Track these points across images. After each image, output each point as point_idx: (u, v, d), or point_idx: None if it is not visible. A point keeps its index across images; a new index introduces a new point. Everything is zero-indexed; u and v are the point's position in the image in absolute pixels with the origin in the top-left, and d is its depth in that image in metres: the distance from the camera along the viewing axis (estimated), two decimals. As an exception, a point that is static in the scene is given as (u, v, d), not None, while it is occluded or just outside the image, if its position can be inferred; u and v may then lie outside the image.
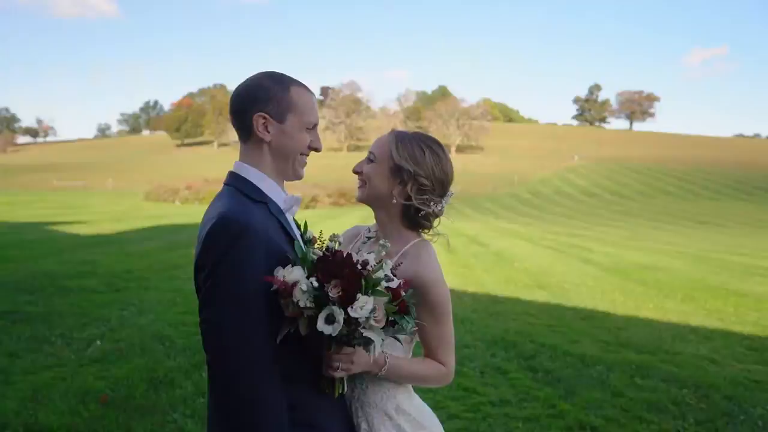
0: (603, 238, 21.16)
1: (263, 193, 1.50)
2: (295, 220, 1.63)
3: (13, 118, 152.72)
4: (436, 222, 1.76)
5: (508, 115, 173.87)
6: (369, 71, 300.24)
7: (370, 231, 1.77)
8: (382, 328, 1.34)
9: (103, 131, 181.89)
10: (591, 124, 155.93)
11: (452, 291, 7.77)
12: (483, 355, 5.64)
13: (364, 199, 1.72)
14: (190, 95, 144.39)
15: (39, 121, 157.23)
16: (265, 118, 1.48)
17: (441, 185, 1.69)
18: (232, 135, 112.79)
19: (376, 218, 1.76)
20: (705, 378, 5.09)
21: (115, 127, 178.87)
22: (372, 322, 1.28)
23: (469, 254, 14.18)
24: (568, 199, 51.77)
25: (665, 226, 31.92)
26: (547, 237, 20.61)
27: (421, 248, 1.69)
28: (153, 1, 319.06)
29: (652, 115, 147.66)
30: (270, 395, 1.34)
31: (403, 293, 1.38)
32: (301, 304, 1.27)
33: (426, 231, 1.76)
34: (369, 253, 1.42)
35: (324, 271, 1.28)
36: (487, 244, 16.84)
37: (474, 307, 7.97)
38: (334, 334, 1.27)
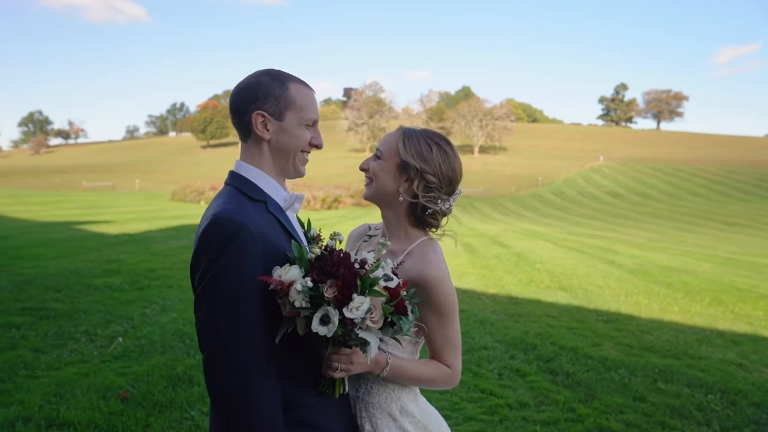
0: (628, 240, 20.79)
1: (262, 191, 1.49)
2: (298, 218, 1.62)
3: (46, 121, 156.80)
4: (444, 221, 1.73)
5: (533, 115, 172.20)
6: (392, 72, 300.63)
7: (371, 229, 1.75)
8: (381, 329, 1.32)
9: (131, 133, 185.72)
10: (617, 124, 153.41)
11: (472, 292, 7.71)
12: (502, 356, 5.57)
13: (371, 197, 1.70)
14: (216, 97, 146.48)
15: (70, 123, 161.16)
16: (263, 116, 1.47)
17: (449, 183, 1.67)
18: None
19: (382, 216, 1.74)
20: (732, 384, 4.95)
21: (143, 129, 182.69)
22: (369, 322, 1.26)
23: (491, 255, 14.06)
24: (593, 200, 50.96)
25: (693, 228, 31.19)
26: (570, 238, 20.32)
27: (427, 247, 1.66)
28: (180, 5, 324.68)
29: (680, 114, 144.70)
30: (264, 395, 1.33)
31: (404, 293, 1.35)
32: (297, 304, 1.25)
33: (433, 230, 1.73)
34: (369, 251, 1.40)
35: (319, 270, 1.26)
36: (509, 245, 16.67)
37: (494, 308, 7.89)
38: (329, 335, 1.25)
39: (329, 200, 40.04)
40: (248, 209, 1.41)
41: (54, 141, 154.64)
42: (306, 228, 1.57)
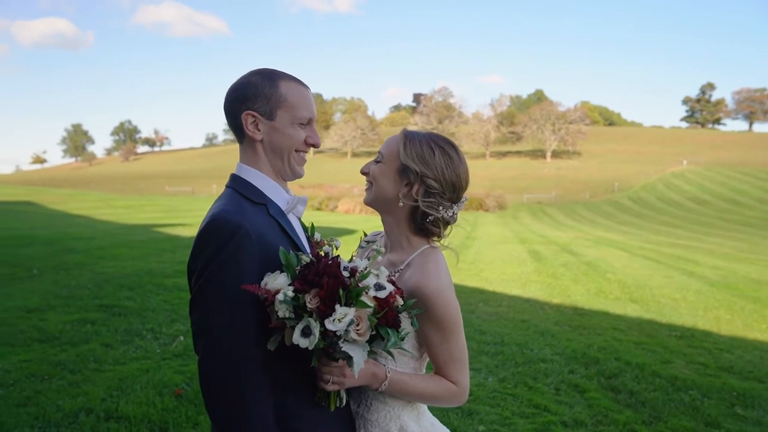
0: (712, 250, 19.37)
1: (263, 194, 1.46)
2: (301, 222, 1.58)
3: (135, 130, 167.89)
4: (447, 230, 1.63)
5: (609, 118, 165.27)
6: (463, 77, 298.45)
7: (366, 235, 1.67)
8: (371, 341, 1.24)
9: (210, 140, 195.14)
10: (703, 126, 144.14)
11: (535, 301, 7.46)
12: (560, 370, 5.30)
13: (371, 202, 1.62)
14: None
15: (156, 132, 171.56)
16: (253, 116, 1.44)
17: (452, 189, 1.56)
18: (329, 142, 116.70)
19: (383, 223, 1.65)
20: (823, 412, 4.44)
21: (221, 137, 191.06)
22: (353, 335, 1.18)
23: (558, 263, 13.52)
24: (674, 207, 48.02)
25: (789, 237, 28.63)
26: (646, 247, 19.20)
27: (427, 257, 1.56)
28: (258, 17, 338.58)
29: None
30: (254, 402, 1.29)
31: (399, 304, 1.27)
32: (281, 314, 1.20)
33: (437, 239, 1.63)
34: (365, 259, 1.33)
35: (303, 279, 1.20)
36: (579, 254, 15.97)
37: (556, 319, 7.55)
38: (310, 348, 1.19)
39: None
40: (247, 211, 1.38)
41: (141, 149, 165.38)
42: (310, 232, 1.52)
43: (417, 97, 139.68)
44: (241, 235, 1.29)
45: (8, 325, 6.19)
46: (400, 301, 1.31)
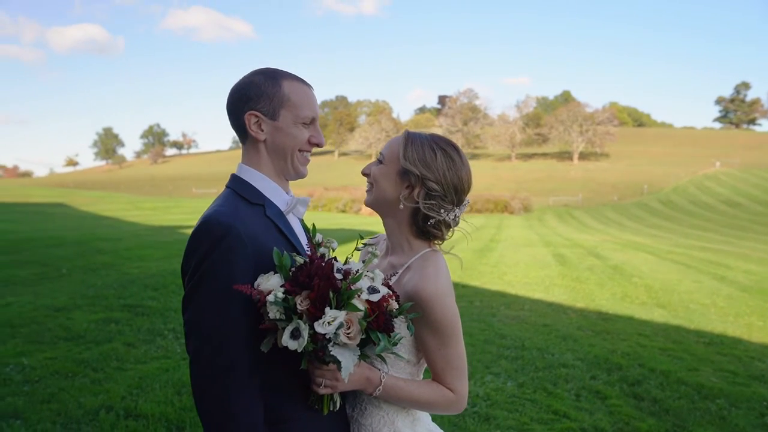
0: (746, 254, 18.80)
1: (261, 194, 1.45)
2: (303, 223, 1.57)
3: (163, 133, 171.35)
4: (449, 233, 1.60)
5: (638, 119, 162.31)
6: (489, 79, 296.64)
7: (364, 239, 1.64)
8: (363, 345, 1.21)
9: (236, 143, 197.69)
10: (737, 126, 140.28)
11: (557, 305, 7.34)
12: (582, 376, 5.19)
13: (371, 203, 1.60)
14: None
15: (184, 135, 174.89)
16: (256, 116, 1.43)
17: (453, 191, 1.53)
18: (353, 144, 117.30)
19: (384, 226, 1.63)
20: None
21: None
22: (343, 338, 1.16)
23: (584, 267, 13.28)
24: (706, 210, 46.81)
25: (828, 241, 27.62)
26: (676, 251, 18.73)
27: (427, 260, 1.53)
28: (284, 20, 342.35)
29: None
30: (242, 404, 1.28)
31: (393, 307, 1.24)
32: (271, 315, 1.18)
33: (438, 242, 1.60)
34: (362, 261, 1.30)
35: (294, 280, 1.19)
36: (606, 257, 15.66)
37: (580, 323, 7.41)
38: (299, 350, 1.17)
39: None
40: (242, 213, 1.37)
41: (169, 151, 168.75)
42: (312, 233, 1.51)
43: (442, 99, 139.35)
44: (233, 237, 1.28)
45: (37, 324, 6.35)
46: (394, 305, 1.28)
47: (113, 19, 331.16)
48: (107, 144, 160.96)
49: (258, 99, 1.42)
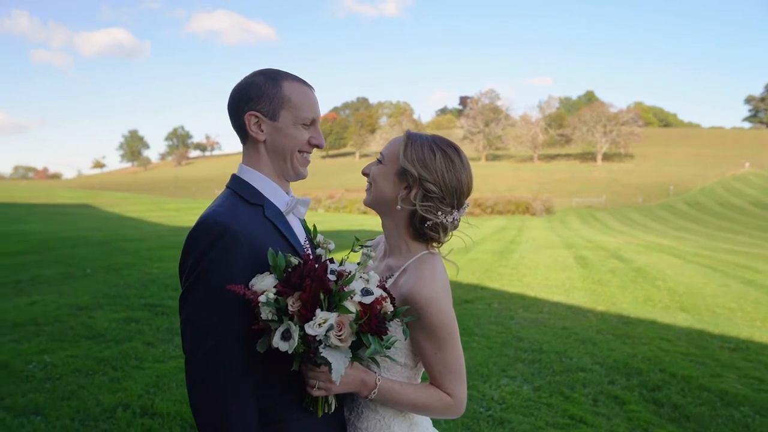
0: (775, 257, 18.29)
1: (261, 195, 1.44)
2: (305, 224, 1.56)
3: (187, 135, 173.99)
4: (448, 236, 1.57)
5: (664, 120, 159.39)
6: (512, 79, 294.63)
7: (359, 240, 1.63)
8: (357, 348, 1.20)
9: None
10: None
11: (577, 308, 7.23)
12: (600, 380, 5.10)
13: (370, 203, 1.59)
14: (335, 109, 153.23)
15: (207, 137, 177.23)
16: (257, 116, 1.42)
17: (452, 194, 1.50)
18: (375, 146, 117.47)
19: (383, 226, 1.61)
20: None
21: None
22: (334, 340, 1.15)
23: (605, 270, 13.07)
24: (735, 212, 45.67)
25: None
26: (702, 253, 18.32)
27: (424, 263, 1.50)
28: (306, 23, 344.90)
29: None
30: (235, 404, 1.27)
31: (387, 310, 1.22)
32: (263, 316, 1.18)
33: (436, 245, 1.58)
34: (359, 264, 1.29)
35: (286, 281, 1.18)
36: (629, 260, 15.40)
37: (599, 327, 7.29)
38: (290, 352, 1.16)
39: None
40: (240, 213, 1.37)
41: (193, 153, 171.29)
42: (312, 234, 1.50)
43: (463, 100, 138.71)
44: (229, 237, 1.28)
45: (60, 322, 6.48)
46: (389, 307, 1.27)
47: (139, 23, 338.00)
48: (133, 146, 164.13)
49: (258, 99, 1.42)
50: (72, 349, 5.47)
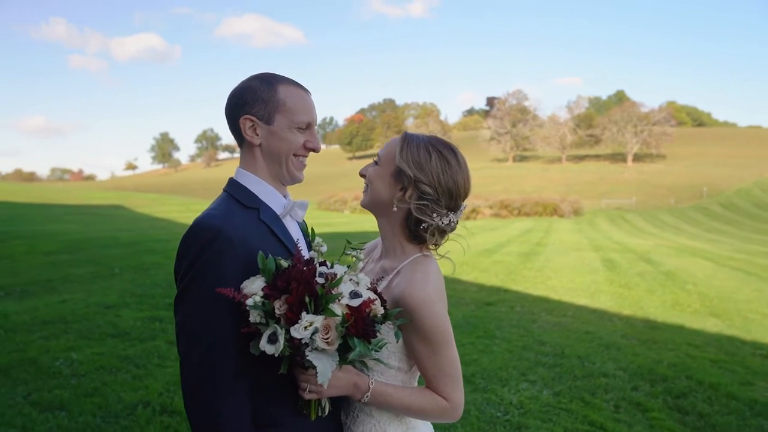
0: (814, 261, 17.61)
1: (256, 198, 1.45)
2: (304, 227, 1.56)
3: (216, 137, 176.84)
4: (444, 239, 1.55)
5: (698, 119, 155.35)
6: (540, 79, 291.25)
7: (351, 243, 1.62)
8: (346, 351, 1.19)
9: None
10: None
11: (602, 312, 7.10)
12: (622, 386, 4.98)
13: (366, 204, 1.58)
14: (362, 111, 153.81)
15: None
16: (252, 120, 1.43)
17: (448, 196, 1.48)
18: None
19: (379, 227, 1.60)
20: None
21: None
22: (321, 343, 1.14)
23: (633, 273, 12.78)
24: (773, 214, 44.20)
25: None
26: (737, 257, 17.77)
27: (417, 265, 1.49)
28: (333, 25, 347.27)
29: None
30: (228, 406, 1.28)
31: (377, 313, 1.21)
32: (252, 319, 1.18)
33: (432, 247, 1.55)
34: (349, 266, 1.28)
35: (273, 284, 1.18)
36: (658, 263, 15.03)
37: (625, 331, 7.13)
38: (276, 355, 1.16)
39: (467, 210, 39.49)
40: (235, 216, 1.38)
41: (222, 155, 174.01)
42: (311, 237, 1.50)
43: (490, 101, 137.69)
44: (222, 239, 1.29)
45: (87, 320, 6.65)
46: (379, 310, 1.25)
47: (170, 28, 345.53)
48: (164, 148, 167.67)
49: (254, 103, 1.43)
50: (98, 347, 5.61)
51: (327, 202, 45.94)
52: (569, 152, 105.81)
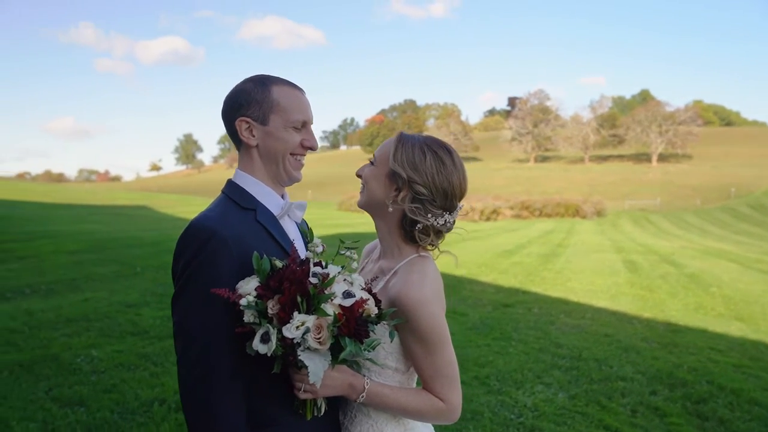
0: None
1: (254, 199, 1.46)
2: (302, 227, 1.57)
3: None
4: (440, 239, 1.55)
5: (726, 118, 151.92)
6: (562, 79, 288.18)
7: (343, 243, 1.62)
8: (339, 351, 1.19)
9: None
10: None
11: (622, 315, 7.02)
12: (640, 390, 4.90)
13: (363, 205, 1.58)
14: (382, 112, 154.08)
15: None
16: (247, 122, 1.45)
17: (443, 196, 1.48)
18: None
19: (376, 228, 1.60)
20: None
21: (318, 143, 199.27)
22: (313, 343, 1.14)
23: (656, 275, 12.55)
24: (804, 216, 42.99)
25: None
26: (764, 259, 17.32)
27: (414, 265, 1.48)
28: (354, 26, 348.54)
29: None
30: (223, 406, 1.29)
31: (372, 313, 1.21)
32: (246, 319, 1.19)
33: (429, 247, 1.55)
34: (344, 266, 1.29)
35: (266, 285, 1.19)
36: (682, 265, 14.73)
37: (645, 335, 7.00)
38: (269, 354, 1.17)
39: (488, 212, 39.38)
40: (231, 217, 1.39)
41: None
42: (309, 237, 1.51)
43: (512, 101, 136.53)
44: (217, 240, 1.31)
45: (109, 318, 6.79)
46: (372, 310, 1.26)
47: (194, 31, 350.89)
48: (187, 149, 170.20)
49: (248, 105, 1.45)
50: (118, 344, 5.72)
51: (348, 202, 46.03)
52: (592, 153, 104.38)
